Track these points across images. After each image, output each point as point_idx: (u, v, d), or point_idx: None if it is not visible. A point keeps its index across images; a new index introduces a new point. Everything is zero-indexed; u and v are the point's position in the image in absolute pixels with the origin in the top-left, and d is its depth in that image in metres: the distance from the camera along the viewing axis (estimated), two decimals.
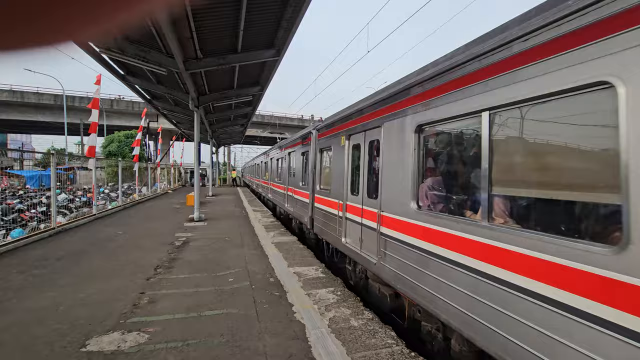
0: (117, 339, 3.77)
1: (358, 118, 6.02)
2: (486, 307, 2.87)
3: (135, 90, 13.60)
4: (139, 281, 5.67)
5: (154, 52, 8.49)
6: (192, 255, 7.49)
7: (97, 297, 4.93)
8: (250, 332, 3.97)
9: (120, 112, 43.90)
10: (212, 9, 6.66)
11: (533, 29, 2.55)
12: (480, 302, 2.94)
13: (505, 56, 2.82)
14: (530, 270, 2.52)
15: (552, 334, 2.33)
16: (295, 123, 55.10)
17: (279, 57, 9.38)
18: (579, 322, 2.17)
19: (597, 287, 2.09)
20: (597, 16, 2.16)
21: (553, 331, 2.33)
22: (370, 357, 3.47)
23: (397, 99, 4.62)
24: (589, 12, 2.20)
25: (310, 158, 8.97)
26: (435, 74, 3.74)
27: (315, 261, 7.13)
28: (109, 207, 15.67)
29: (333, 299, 5.02)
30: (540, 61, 2.52)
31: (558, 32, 2.38)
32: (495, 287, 2.78)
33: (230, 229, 10.86)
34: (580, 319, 2.16)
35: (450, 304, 3.33)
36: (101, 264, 6.63)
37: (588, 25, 2.21)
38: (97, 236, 9.39)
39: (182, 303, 4.77)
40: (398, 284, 4.36)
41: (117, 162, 16.51)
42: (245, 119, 21.77)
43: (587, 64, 2.21)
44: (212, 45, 8.60)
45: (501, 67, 2.87)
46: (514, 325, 2.61)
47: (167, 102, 16.13)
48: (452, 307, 3.29)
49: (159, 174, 26.35)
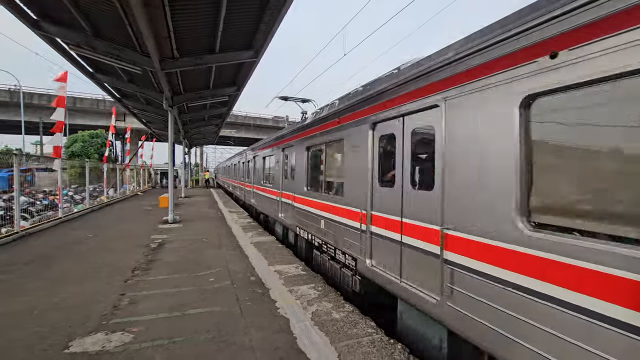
0: (101, 339, 3.74)
1: (387, 100, 4.43)
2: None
3: (104, 88, 13.13)
4: (117, 283, 5.58)
5: (128, 51, 8.29)
6: (169, 256, 7.40)
7: (74, 301, 4.81)
8: (236, 327, 4.07)
9: (83, 110, 41.75)
10: (191, 9, 6.65)
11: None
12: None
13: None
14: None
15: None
16: (270, 124, 54.81)
17: (257, 58, 9.45)
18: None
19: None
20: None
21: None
22: (352, 345, 3.69)
23: (472, 63, 3.10)
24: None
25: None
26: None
27: (295, 259, 7.28)
28: (75, 210, 14.97)
29: (314, 294, 5.20)
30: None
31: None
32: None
33: (207, 230, 10.77)
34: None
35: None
36: (74, 268, 6.43)
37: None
38: (66, 239, 9.01)
39: (165, 303, 4.77)
40: (494, 345, 2.80)
41: (82, 163, 15.79)
42: (219, 119, 21.49)
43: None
44: (190, 45, 8.54)
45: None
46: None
47: (138, 101, 15.67)
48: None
49: (128, 175, 25.37)
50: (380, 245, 4.65)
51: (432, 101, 3.61)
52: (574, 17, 2.33)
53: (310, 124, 7.36)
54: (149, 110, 17.04)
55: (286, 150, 9.46)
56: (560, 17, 2.40)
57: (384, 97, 4.51)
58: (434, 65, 3.56)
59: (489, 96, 2.94)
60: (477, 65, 3.06)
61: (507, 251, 2.71)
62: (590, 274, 2.17)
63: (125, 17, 6.65)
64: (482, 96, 3.01)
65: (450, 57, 3.34)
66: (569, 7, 2.35)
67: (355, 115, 5.32)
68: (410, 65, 4.20)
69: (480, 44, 3.01)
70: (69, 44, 7.89)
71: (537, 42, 2.56)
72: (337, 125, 5.96)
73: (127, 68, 9.08)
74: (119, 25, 7.19)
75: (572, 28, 2.34)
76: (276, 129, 53.71)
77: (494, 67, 2.90)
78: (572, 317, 2.25)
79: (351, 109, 5.47)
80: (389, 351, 3.56)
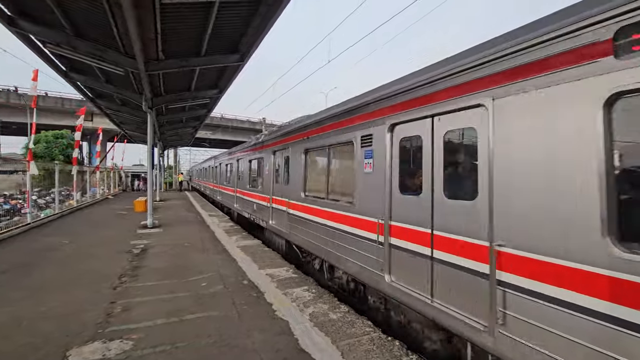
0: (99, 348, 3.68)
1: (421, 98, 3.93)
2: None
3: (77, 87, 12.58)
4: (105, 291, 5.43)
5: (111, 51, 8.05)
6: (156, 262, 7.26)
7: (63, 310, 4.66)
8: (237, 331, 4.12)
9: (48, 109, 39.38)
10: (182, 12, 6.59)
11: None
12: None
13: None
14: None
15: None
16: (246, 126, 54.25)
17: (242, 62, 9.45)
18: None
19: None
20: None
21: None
22: (353, 344, 3.85)
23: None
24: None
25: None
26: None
27: (285, 263, 7.36)
28: (42, 215, 14.17)
29: (309, 297, 5.32)
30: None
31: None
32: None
33: (189, 235, 10.59)
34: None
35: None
36: (56, 275, 6.17)
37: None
38: (40, 246, 8.57)
39: (160, 309, 4.73)
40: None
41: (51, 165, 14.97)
42: (198, 121, 21.09)
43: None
44: (176, 47, 8.42)
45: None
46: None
47: (114, 102, 15.12)
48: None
49: (98, 178, 24.28)
50: (403, 259, 4.18)
51: (475, 100, 3.22)
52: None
53: (311, 124, 6.86)
54: (123, 111, 16.45)
55: (278, 154, 8.96)
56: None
57: (406, 97, 4.13)
58: (479, 60, 3.20)
59: (564, 93, 2.54)
60: (547, 57, 2.65)
61: (590, 274, 2.32)
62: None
63: (112, 18, 6.49)
64: (555, 93, 2.60)
65: (507, 48, 2.94)
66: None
67: (367, 116, 4.89)
68: (440, 63, 3.83)
69: (556, 30, 2.59)
70: (47, 43, 7.55)
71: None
72: (345, 126, 5.51)
73: (108, 68, 8.81)
74: (103, 25, 6.99)
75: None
76: (253, 130, 53.21)
77: (572, 59, 2.50)
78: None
79: (362, 110, 5.03)
80: (389, 348, 3.76)
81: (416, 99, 3.98)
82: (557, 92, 2.59)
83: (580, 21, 2.44)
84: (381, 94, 4.61)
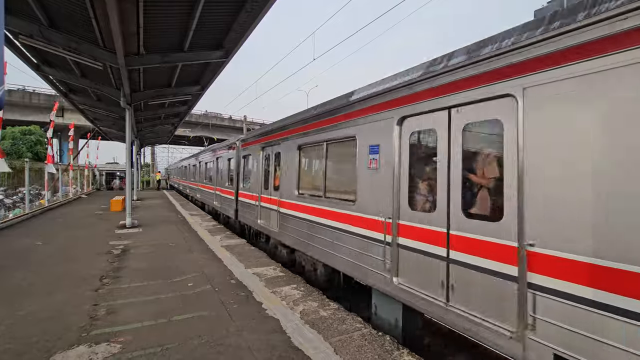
0: (85, 352, 3.56)
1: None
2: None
3: (49, 82, 12.02)
4: (87, 293, 5.24)
5: (87, 44, 7.73)
6: (137, 263, 7.06)
7: (43, 314, 4.46)
8: (228, 330, 4.09)
9: (13, 104, 37.31)
10: (166, 5, 6.42)
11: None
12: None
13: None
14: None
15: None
16: (226, 123, 53.43)
17: (227, 58, 9.31)
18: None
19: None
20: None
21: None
22: (345, 340, 3.91)
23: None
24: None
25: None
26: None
27: (272, 261, 7.34)
28: (11, 216, 13.43)
29: (298, 295, 5.34)
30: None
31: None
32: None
33: (171, 235, 10.35)
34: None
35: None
36: (32, 278, 5.89)
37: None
38: (11, 248, 8.14)
39: (147, 310, 4.62)
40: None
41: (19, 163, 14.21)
42: (177, 118, 20.57)
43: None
44: (158, 42, 8.18)
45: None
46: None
47: (89, 97, 14.51)
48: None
49: (71, 176, 23.24)
50: (413, 260, 3.92)
51: (501, 89, 2.94)
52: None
53: (307, 118, 6.49)
54: (98, 106, 15.82)
55: (268, 149, 8.56)
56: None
57: (420, 87, 3.84)
58: (508, 46, 2.89)
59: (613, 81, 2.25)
60: (601, 38, 2.32)
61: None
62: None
63: (92, 9, 6.22)
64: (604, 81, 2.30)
65: (543, 33, 2.66)
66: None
67: (373, 108, 4.57)
68: (461, 50, 3.56)
69: (613, 9, 2.26)
70: (19, 34, 7.15)
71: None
72: (346, 120, 5.15)
73: (85, 62, 8.44)
74: (80, 17, 6.70)
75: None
76: (234, 129, 52.43)
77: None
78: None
79: (367, 102, 4.69)
80: (380, 342, 3.84)
81: (431, 90, 3.72)
82: (606, 80, 2.30)
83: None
84: (390, 85, 4.32)
